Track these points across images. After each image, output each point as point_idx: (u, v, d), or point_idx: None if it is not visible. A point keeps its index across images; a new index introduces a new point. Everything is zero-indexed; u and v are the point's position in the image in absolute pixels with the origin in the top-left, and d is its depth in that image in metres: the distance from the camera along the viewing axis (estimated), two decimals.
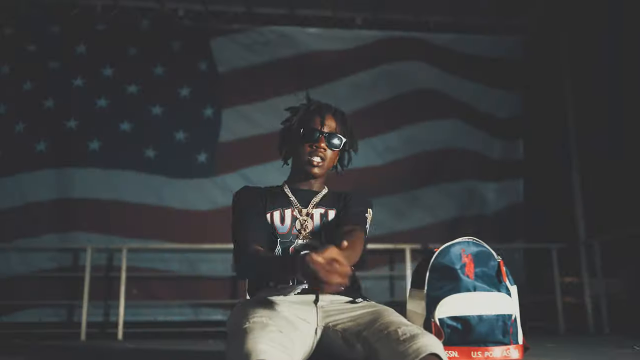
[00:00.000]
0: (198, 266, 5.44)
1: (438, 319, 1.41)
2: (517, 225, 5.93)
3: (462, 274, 1.42)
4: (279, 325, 1.34)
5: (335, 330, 1.47)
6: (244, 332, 1.28)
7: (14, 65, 5.54)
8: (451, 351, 1.36)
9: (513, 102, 6.17)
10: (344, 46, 6.06)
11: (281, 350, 1.22)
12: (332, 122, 1.84)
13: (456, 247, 1.50)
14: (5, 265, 5.20)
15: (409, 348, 1.23)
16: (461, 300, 1.40)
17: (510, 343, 1.37)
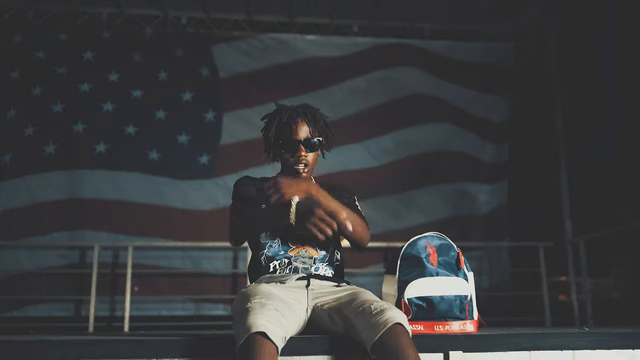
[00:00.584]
0: (200, 263, 5.66)
1: (407, 298, 1.66)
2: (504, 225, 6.14)
3: (427, 262, 1.66)
4: (276, 305, 1.55)
5: (322, 309, 1.71)
6: (246, 311, 1.50)
7: (24, 71, 5.76)
8: (417, 325, 1.61)
9: (503, 106, 6.40)
10: (340, 52, 6.27)
11: (277, 325, 1.45)
12: (305, 126, 1.94)
13: (422, 240, 1.74)
14: (15, 263, 5.41)
15: (379, 319, 1.46)
16: (426, 283, 1.65)
17: (467, 319, 1.62)
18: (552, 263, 5.70)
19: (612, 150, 5.09)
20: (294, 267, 1.85)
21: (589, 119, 5.52)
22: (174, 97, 5.94)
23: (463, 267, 1.69)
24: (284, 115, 1.96)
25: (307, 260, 1.88)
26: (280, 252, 1.90)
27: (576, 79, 5.76)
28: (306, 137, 1.93)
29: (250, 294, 1.62)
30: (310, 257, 1.90)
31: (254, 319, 1.44)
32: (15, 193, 5.53)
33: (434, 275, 1.65)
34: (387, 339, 1.41)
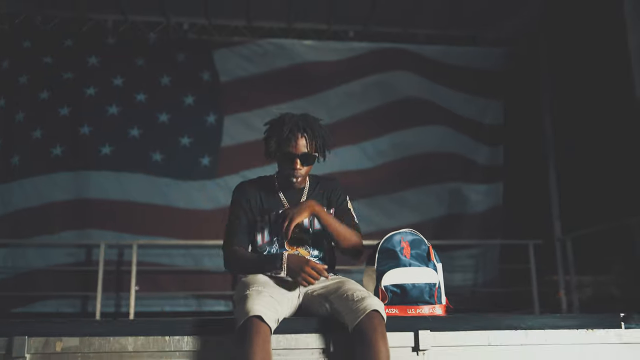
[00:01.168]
0: (201, 261, 5.88)
1: (384, 286, 1.91)
2: (497, 225, 6.35)
3: (401, 254, 1.90)
4: (271, 292, 1.78)
5: (312, 295, 1.94)
6: (245, 297, 1.72)
7: (32, 76, 5.97)
8: (393, 309, 1.85)
9: (495, 110, 6.60)
10: (337, 57, 6.48)
11: (271, 309, 1.69)
12: (303, 141, 2.06)
13: (397, 236, 1.98)
14: (24, 261, 5.63)
15: (359, 306, 1.69)
16: (400, 273, 1.90)
17: (435, 303, 1.86)
18: (542, 261, 5.92)
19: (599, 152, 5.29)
20: None
21: (576, 122, 5.73)
22: (177, 101, 6.15)
23: (433, 259, 1.92)
24: (286, 130, 2.07)
25: None
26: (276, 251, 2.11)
27: (565, 83, 5.97)
28: (303, 152, 2.07)
29: (249, 283, 1.85)
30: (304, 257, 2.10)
31: (251, 304, 1.66)
32: (24, 193, 5.74)
33: (407, 266, 1.88)
34: (365, 325, 1.64)
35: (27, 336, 1.60)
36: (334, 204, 2.23)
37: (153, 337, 1.66)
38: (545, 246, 5.94)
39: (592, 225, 5.24)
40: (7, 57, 5.95)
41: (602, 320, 1.74)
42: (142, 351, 1.64)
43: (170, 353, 1.65)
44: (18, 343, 1.58)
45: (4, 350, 1.59)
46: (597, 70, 5.33)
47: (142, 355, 1.64)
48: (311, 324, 1.76)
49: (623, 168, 4.90)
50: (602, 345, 1.72)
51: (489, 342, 1.68)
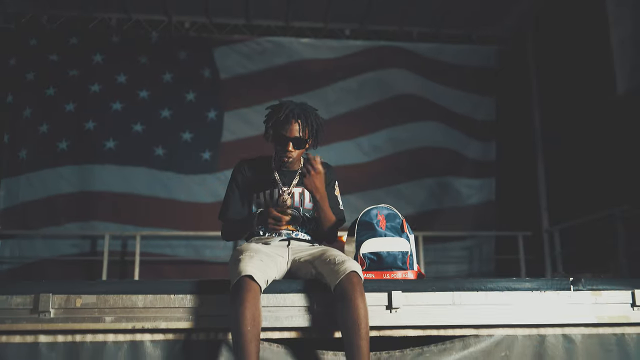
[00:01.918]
0: (202, 251, 6.09)
1: (362, 253, 2.12)
2: (490, 219, 6.55)
3: (377, 226, 2.11)
4: (261, 257, 1.97)
5: (299, 261, 2.13)
6: (238, 260, 1.92)
7: (38, 73, 6.18)
8: (370, 274, 2.06)
9: (488, 106, 6.80)
10: (333, 55, 6.69)
11: (261, 271, 1.88)
12: (297, 126, 2.24)
13: (374, 210, 2.19)
14: (31, 251, 5.85)
15: (340, 268, 1.88)
16: (376, 242, 2.11)
17: (408, 269, 2.06)
18: (531, 252, 6.12)
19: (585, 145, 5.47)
20: (277, 232, 2.28)
21: (563, 117, 5.92)
22: (178, 97, 6.36)
23: (406, 230, 2.13)
24: (282, 114, 2.25)
25: (289, 231, 2.31)
26: None
27: (552, 79, 6.16)
28: (296, 136, 2.25)
29: (243, 250, 2.05)
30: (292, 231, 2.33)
31: (243, 266, 1.87)
32: (31, 186, 5.95)
33: (383, 236, 2.09)
34: (344, 284, 1.84)
35: (52, 293, 1.82)
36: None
37: (160, 295, 1.88)
38: (534, 238, 6.14)
39: (579, 217, 5.43)
40: (14, 55, 6.16)
41: (554, 283, 1.95)
42: (150, 307, 1.86)
43: (175, 309, 1.87)
44: (44, 299, 1.81)
45: (31, 305, 1.81)
46: (582, 67, 5.51)
47: (150, 310, 1.85)
48: (297, 285, 1.96)
49: (607, 160, 5.09)
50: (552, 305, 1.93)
51: (453, 301, 1.88)
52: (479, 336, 1.90)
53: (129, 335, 1.85)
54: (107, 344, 1.84)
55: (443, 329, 1.91)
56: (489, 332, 1.90)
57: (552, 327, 1.92)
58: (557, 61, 6.09)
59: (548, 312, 1.91)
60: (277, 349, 1.90)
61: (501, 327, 1.91)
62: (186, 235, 6.05)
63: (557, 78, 6.05)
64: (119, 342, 1.85)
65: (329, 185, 2.40)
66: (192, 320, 1.87)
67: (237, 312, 1.75)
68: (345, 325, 1.79)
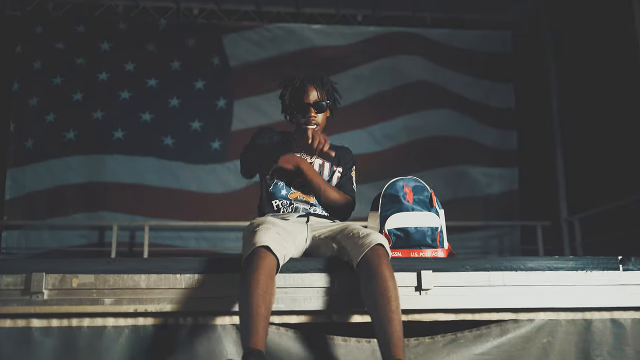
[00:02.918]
0: (213, 243, 5.95)
1: (387, 229, 1.97)
2: (514, 210, 6.34)
3: (403, 199, 1.93)
4: (278, 230, 1.81)
5: (319, 238, 1.99)
6: (254, 232, 1.77)
7: (45, 61, 6.07)
8: (396, 252, 1.87)
9: (504, 93, 6.59)
10: (345, 41, 6.52)
11: (278, 243, 1.70)
12: (314, 91, 2.23)
13: (400, 182, 2.02)
14: (39, 242, 5.75)
15: (364, 241, 1.72)
16: (403, 217, 1.93)
17: (438, 247, 1.88)
18: (550, 242, 5.92)
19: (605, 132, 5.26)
20: (295, 207, 2.16)
21: (583, 103, 5.71)
22: (187, 86, 6.22)
23: (435, 204, 1.95)
24: (297, 82, 2.25)
25: (304, 203, 2.19)
26: (282, 192, 2.20)
27: (571, 65, 5.95)
28: (315, 100, 2.21)
29: (258, 222, 1.90)
30: (307, 202, 2.20)
31: (259, 237, 1.70)
32: (38, 176, 5.85)
33: (410, 210, 1.92)
34: (370, 258, 1.66)
35: (45, 272, 1.65)
36: (341, 166, 2.39)
37: (165, 275, 1.71)
38: (552, 228, 5.94)
39: (599, 205, 5.23)
40: (19, 43, 6.04)
41: (600, 262, 1.76)
42: (154, 288, 1.69)
43: (181, 290, 1.70)
44: (36, 279, 1.64)
45: (22, 285, 1.64)
46: (603, 52, 5.30)
47: (154, 291, 1.68)
48: (316, 264, 1.79)
49: (628, 148, 4.88)
50: (599, 286, 1.74)
51: (490, 282, 1.71)
52: (518, 321, 1.73)
53: (130, 319, 1.69)
54: (106, 329, 1.67)
55: (478, 312, 1.74)
56: (529, 317, 1.73)
57: (599, 311, 1.75)
58: (576, 45, 5.88)
59: (594, 295, 1.74)
60: (286, 332, 1.72)
61: (543, 311, 1.74)
62: (196, 226, 5.92)
63: (576, 63, 5.84)
64: (119, 326, 1.68)
65: (346, 165, 2.36)
66: (200, 303, 1.70)
67: (248, 285, 1.55)
68: (373, 300, 1.60)
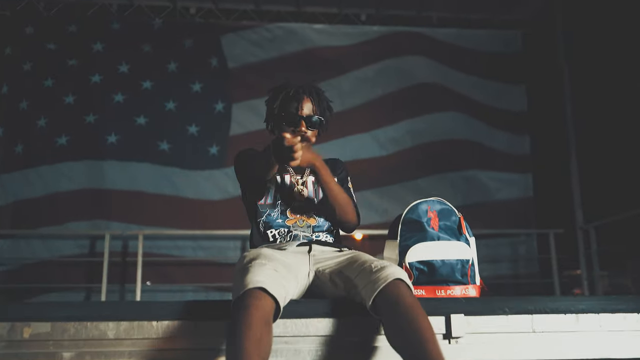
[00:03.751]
0: (211, 252, 5.70)
1: (408, 262, 1.69)
2: (529, 217, 6.10)
3: (427, 226, 1.66)
4: (275, 266, 1.52)
5: (324, 273, 1.71)
6: (245, 270, 1.48)
7: (36, 63, 5.81)
8: (419, 290, 1.63)
9: (515, 95, 6.35)
10: (349, 42, 6.27)
11: (275, 281, 1.42)
12: (309, 104, 1.97)
13: (423, 205, 1.76)
14: (30, 251, 5.49)
15: (380, 275, 1.45)
16: (427, 247, 1.67)
17: (469, 283, 1.61)
18: (563, 251, 5.69)
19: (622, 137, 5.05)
20: (293, 235, 1.88)
21: (598, 107, 5.48)
22: (184, 88, 5.97)
23: (465, 231, 1.69)
24: (291, 90, 1.98)
25: (306, 229, 1.91)
26: (278, 221, 1.92)
27: (585, 66, 5.72)
28: (309, 114, 1.96)
29: (251, 257, 1.62)
30: (309, 225, 1.92)
31: (252, 275, 1.41)
32: (29, 183, 5.60)
33: (435, 239, 1.65)
34: (387, 293, 1.40)
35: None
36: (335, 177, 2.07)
37: (138, 322, 1.41)
38: (566, 236, 5.71)
39: (615, 213, 5.01)
40: (9, 44, 5.80)
41: None
42: (124, 338, 1.40)
43: (158, 341, 1.41)
44: None
45: None
46: (618, 51, 5.09)
47: (124, 343, 1.39)
48: (323, 307, 1.50)
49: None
50: None
51: (533, 328, 1.45)
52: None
53: None
54: None
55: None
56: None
57: None
58: (589, 45, 5.66)
59: None
60: None
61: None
62: (193, 235, 5.67)
63: (590, 63, 5.62)
64: None
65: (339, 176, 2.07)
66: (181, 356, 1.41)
67: (238, 333, 1.25)
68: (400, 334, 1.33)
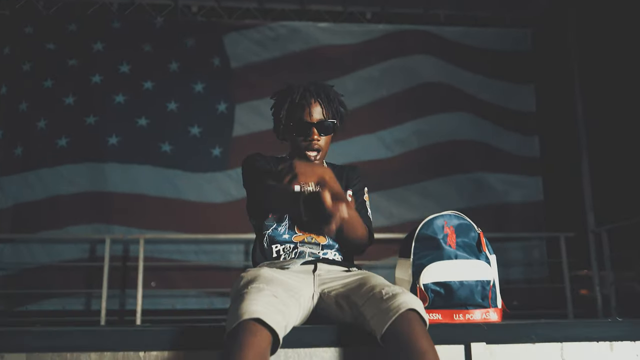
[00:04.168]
0: (213, 256, 5.58)
1: (423, 284, 1.54)
2: (539, 221, 5.95)
3: (444, 243, 1.54)
4: (275, 291, 1.39)
5: (329, 296, 1.56)
6: (241, 296, 1.35)
7: (35, 63, 5.70)
8: (435, 314, 1.49)
9: (524, 95, 6.20)
10: (353, 40, 6.13)
11: (275, 312, 1.29)
12: (319, 107, 1.80)
13: (439, 220, 1.63)
14: (30, 256, 5.38)
15: (391, 305, 1.31)
16: (443, 267, 1.53)
17: (490, 306, 1.49)
18: (574, 255, 5.55)
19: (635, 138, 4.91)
20: (299, 252, 1.73)
21: (611, 107, 5.34)
22: (186, 88, 5.85)
23: (485, 249, 1.56)
24: (296, 96, 1.82)
25: (313, 246, 1.77)
26: (285, 236, 1.78)
27: (597, 65, 5.57)
28: (320, 119, 1.80)
29: (249, 279, 1.49)
30: (317, 243, 1.78)
31: (248, 305, 1.28)
32: (28, 186, 5.49)
33: (453, 258, 1.52)
34: (399, 327, 1.26)
35: None
36: (350, 188, 1.95)
37: (123, 353, 1.30)
38: (577, 240, 5.56)
39: (628, 216, 4.87)
40: (8, 43, 5.69)
41: None
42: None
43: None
44: None
45: None
46: (631, 50, 4.93)
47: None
48: (330, 335, 1.38)
49: None
50: None
51: (563, 357, 1.32)
52: None
53: None
54: None
55: None
56: None
57: None
58: (601, 43, 5.50)
59: None
60: None
61: None
62: (195, 239, 5.54)
63: (602, 62, 5.46)
64: None
65: (355, 187, 1.92)
66: None
67: None
68: None
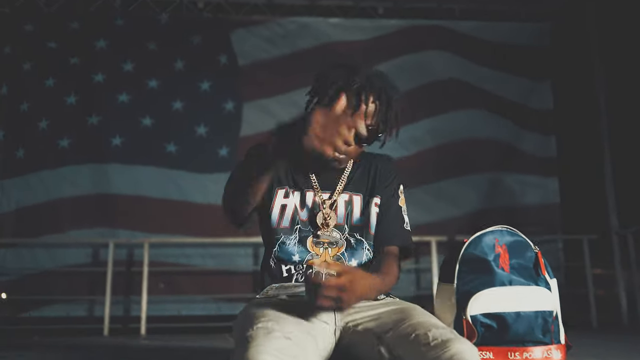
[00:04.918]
0: (220, 260, 5.40)
1: (470, 316, 1.30)
2: (555, 224, 5.73)
3: (495, 266, 1.29)
4: (287, 330, 1.17)
5: (355, 331, 1.32)
6: (246, 340, 1.13)
7: (36, 62, 5.53)
8: (486, 352, 1.26)
9: (542, 93, 5.97)
10: (365, 36, 5.93)
11: (288, 357, 1.08)
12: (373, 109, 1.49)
13: (489, 237, 1.36)
14: (33, 261, 5.22)
15: (441, 356, 1.08)
16: (496, 295, 1.29)
17: (552, 343, 1.25)
18: (597, 257, 5.32)
19: None
20: (314, 272, 1.42)
21: (633, 103, 5.11)
22: (192, 87, 5.66)
23: (544, 272, 1.31)
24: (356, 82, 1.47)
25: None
26: (295, 257, 1.50)
27: (620, 60, 5.35)
28: (369, 124, 1.49)
29: (255, 314, 1.27)
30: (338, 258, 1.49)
31: (255, 353, 1.07)
32: (30, 189, 5.34)
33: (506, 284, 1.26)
34: None
35: None
36: (380, 193, 1.61)
37: None
38: (600, 242, 5.33)
39: None
40: (8, 42, 5.52)
41: None
42: None
43: None
44: None
45: None
46: None
47: None
48: None
49: None
50: None
51: None
52: None
53: None
54: None
55: None
56: None
57: None
58: (624, 37, 5.28)
59: None
60: None
61: None
62: (201, 242, 5.35)
63: (625, 56, 5.24)
64: None
65: (387, 189, 1.61)
66: None
67: None
68: None
